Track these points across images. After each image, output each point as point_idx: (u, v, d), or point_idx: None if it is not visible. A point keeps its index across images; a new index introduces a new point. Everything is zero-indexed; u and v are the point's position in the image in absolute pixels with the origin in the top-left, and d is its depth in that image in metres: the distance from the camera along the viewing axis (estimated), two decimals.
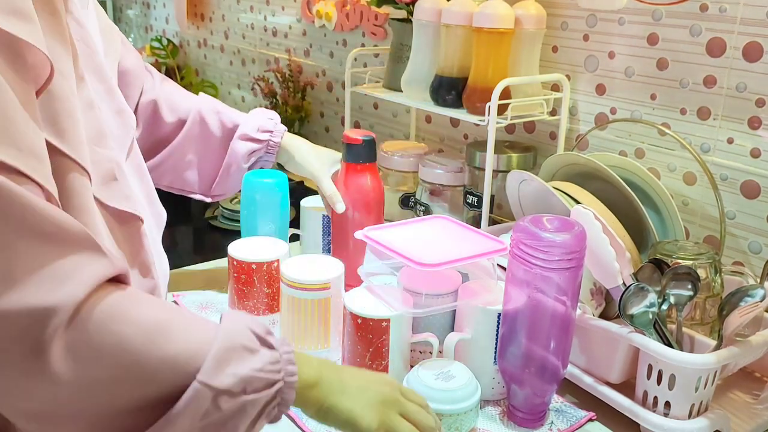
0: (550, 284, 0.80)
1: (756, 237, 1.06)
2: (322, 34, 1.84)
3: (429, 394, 0.80)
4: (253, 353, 0.59)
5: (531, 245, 0.79)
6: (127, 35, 2.77)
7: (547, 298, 0.81)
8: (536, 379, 0.85)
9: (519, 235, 0.81)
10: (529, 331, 0.83)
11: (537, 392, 0.86)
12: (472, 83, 1.21)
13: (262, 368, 0.59)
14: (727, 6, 1.03)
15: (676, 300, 0.89)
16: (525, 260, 0.80)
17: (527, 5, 1.20)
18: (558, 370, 0.85)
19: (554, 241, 0.79)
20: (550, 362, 0.84)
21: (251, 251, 1.02)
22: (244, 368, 0.58)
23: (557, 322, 0.82)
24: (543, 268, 0.79)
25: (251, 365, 0.58)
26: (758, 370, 1.00)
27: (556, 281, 0.80)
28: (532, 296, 0.81)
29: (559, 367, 0.85)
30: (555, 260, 0.79)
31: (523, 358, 0.84)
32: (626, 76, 1.18)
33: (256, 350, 0.60)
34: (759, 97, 1.02)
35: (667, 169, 1.15)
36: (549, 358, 0.84)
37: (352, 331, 0.88)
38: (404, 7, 1.35)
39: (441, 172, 1.32)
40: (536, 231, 0.79)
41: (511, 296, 0.84)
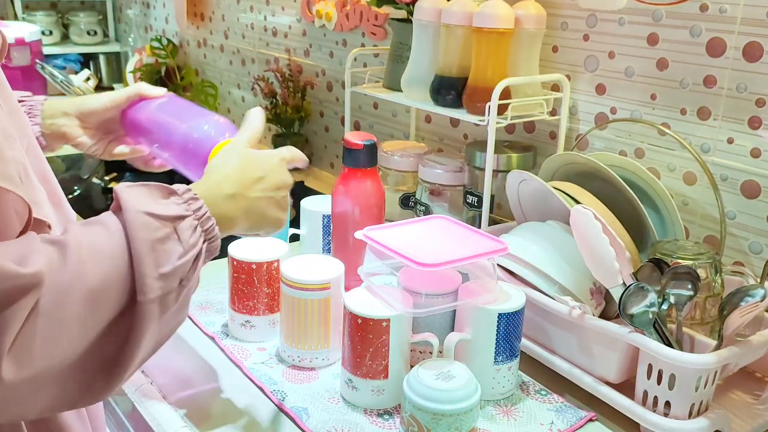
0: None
1: (756, 237, 1.06)
2: (322, 34, 1.84)
3: (429, 394, 0.80)
4: (168, 241, 0.62)
5: None
6: (127, 35, 2.78)
7: None
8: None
9: None
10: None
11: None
12: (472, 83, 1.21)
13: (183, 253, 0.63)
14: (727, 6, 1.03)
15: (676, 300, 0.89)
16: None
17: (527, 5, 1.20)
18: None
19: None
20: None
21: (251, 251, 1.02)
22: (167, 265, 0.62)
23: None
24: None
25: (172, 259, 0.62)
26: (759, 370, 1.00)
27: None
28: None
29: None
30: None
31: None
32: (626, 76, 1.18)
33: (169, 237, 0.63)
34: (759, 97, 1.02)
35: (667, 169, 1.15)
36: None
37: (352, 331, 0.88)
38: (404, 7, 1.35)
39: (441, 172, 1.32)
40: None
41: None
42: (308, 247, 1.22)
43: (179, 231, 0.64)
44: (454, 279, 0.95)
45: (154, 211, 0.63)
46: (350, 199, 1.08)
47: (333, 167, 1.90)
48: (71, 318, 0.56)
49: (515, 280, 0.99)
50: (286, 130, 1.91)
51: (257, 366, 0.98)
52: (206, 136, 0.87)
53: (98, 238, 0.60)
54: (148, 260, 0.60)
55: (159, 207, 0.63)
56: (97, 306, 0.58)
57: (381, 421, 0.88)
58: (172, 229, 0.63)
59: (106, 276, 0.59)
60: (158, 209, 0.63)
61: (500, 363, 0.91)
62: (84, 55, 2.82)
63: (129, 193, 0.63)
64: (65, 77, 1.95)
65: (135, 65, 2.52)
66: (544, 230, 1.01)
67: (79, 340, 0.58)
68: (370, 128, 1.76)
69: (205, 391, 0.94)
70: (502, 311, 0.89)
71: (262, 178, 0.76)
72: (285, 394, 0.92)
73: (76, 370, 0.58)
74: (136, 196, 0.63)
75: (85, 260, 0.58)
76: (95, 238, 0.60)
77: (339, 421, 0.88)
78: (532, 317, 0.98)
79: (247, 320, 1.03)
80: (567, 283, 0.95)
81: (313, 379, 0.96)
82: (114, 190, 0.64)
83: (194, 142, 0.87)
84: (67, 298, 0.56)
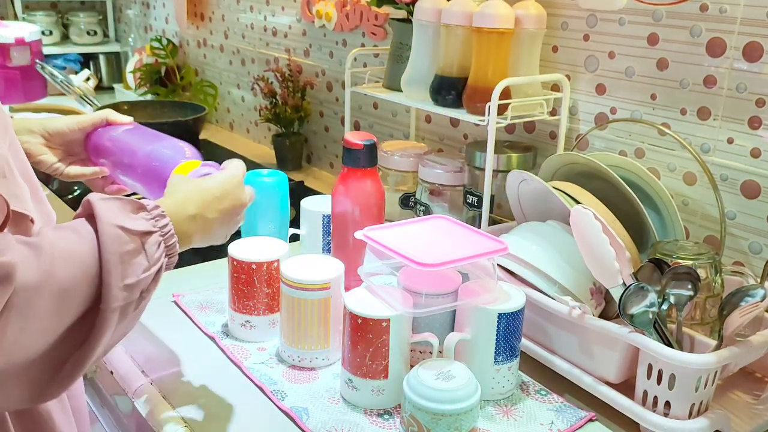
0: None
1: (756, 237, 1.06)
2: (321, 34, 1.84)
3: (429, 394, 0.80)
4: (136, 255, 0.66)
5: None
6: (126, 35, 2.78)
7: None
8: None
9: None
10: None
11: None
12: (472, 83, 1.21)
13: (147, 267, 0.67)
14: (727, 6, 1.03)
15: (676, 300, 0.89)
16: None
17: (527, 5, 1.20)
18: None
19: None
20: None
21: (251, 251, 1.02)
22: (132, 277, 0.65)
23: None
24: None
25: (137, 272, 0.65)
26: (759, 370, 1.00)
27: None
28: None
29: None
30: None
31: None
32: (626, 76, 1.18)
33: (137, 252, 0.66)
34: (759, 97, 1.02)
35: (667, 169, 1.15)
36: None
37: (352, 331, 0.88)
38: (404, 7, 1.35)
39: (441, 172, 1.32)
40: None
41: None
42: (308, 247, 1.22)
43: (146, 246, 0.67)
44: (454, 279, 0.95)
45: (126, 225, 0.66)
46: (350, 199, 1.08)
47: (333, 167, 1.90)
48: (38, 316, 0.58)
49: (515, 280, 0.99)
50: (286, 130, 1.91)
51: (257, 366, 0.98)
52: (170, 158, 0.91)
53: (70, 243, 0.62)
54: (116, 271, 0.63)
55: (130, 221, 0.67)
56: (63, 307, 0.60)
57: (381, 421, 0.88)
58: (140, 244, 0.67)
59: (75, 280, 0.61)
60: (129, 224, 0.66)
61: (500, 363, 0.91)
62: (84, 55, 2.82)
63: (103, 206, 0.66)
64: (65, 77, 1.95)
65: (135, 65, 2.52)
66: (544, 230, 1.01)
67: (42, 339, 0.59)
68: (370, 128, 1.76)
69: (205, 391, 0.93)
70: (502, 311, 0.89)
71: (220, 199, 0.81)
72: (285, 394, 0.92)
73: (34, 368, 0.60)
74: (109, 209, 0.66)
75: (57, 263, 0.60)
76: (67, 243, 0.62)
77: (339, 421, 0.88)
78: (532, 317, 0.98)
79: (247, 320, 1.03)
80: (567, 283, 0.95)
81: (313, 379, 0.96)
82: (87, 199, 0.67)
83: (159, 161, 0.92)
84: (37, 297, 0.58)
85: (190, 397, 0.92)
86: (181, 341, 1.05)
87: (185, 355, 1.01)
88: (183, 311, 1.12)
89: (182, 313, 1.12)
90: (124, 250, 0.65)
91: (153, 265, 0.68)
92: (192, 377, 0.96)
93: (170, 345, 1.04)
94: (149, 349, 1.03)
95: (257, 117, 2.05)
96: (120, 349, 1.02)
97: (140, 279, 0.66)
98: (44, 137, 0.98)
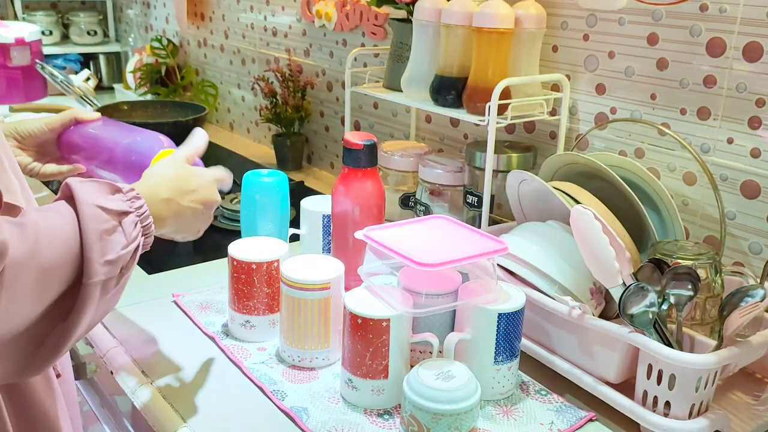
0: None
1: (756, 237, 1.06)
2: (322, 33, 1.84)
3: (429, 394, 0.80)
4: (114, 233, 0.69)
5: None
6: (127, 35, 2.78)
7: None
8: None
9: None
10: None
11: None
12: (472, 83, 1.20)
13: (126, 245, 0.70)
14: (727, 6, 1.03)
15: (676, 300, 0.89)
16: None
17: (527, 5, 1.20)
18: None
19: None
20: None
21: (251, 251, 1.02)
22: (112, 254, 0.68)
23: None
24: None
25: (116, 249, 0.69)
26: (759, 370, 1.00)
27: None
28: None
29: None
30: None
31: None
32: (626, 76, 1.18)
33: (115, 230, 0.70)
34: (759, 97, 1.02)
35: (667, 169, 1.15)
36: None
37: (352, 331, 0.88)
38: (404, 7, 1.35)
39: (441, 172, 1.32)
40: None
41: None
42: (308, 247, 1.22)
43: (124, 225, 0.71)
44: (454, 279, 0.95)
45: (104, 205, 0.69)
46: (350, 199, 1.08)
47: (333, 167, 1.90)
48: (24, 292, 0.61)
49: (515, 280, 0.99)
50: (286, 129, 1.91)
51: (257, 366, 0.98)
52: (149, 149, 0.96)
53: (53, 222, 0.66)
54: (96, 247, 0.66)
55: (108, 201, 0.70)
56: (48, 283, 0.63)
57: (381, 421, 0.88)
58: (118, 223, 0.70)
59: (58, 257, 0.64)
60: (107, 203, 0.70)
61: (500, 363, 0.91)
62: (84, 55, 2.82)
63: (81, 187, 0.70)
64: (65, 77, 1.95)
65: (135, 65, 2.52)
66: (544, 230, 1.01)
67: (28, 314, 0.62)
68: (370, 128, 1.76)
69: (205, 391, 0.94)
70: (502, 311, 0.89)
71: (194, 191, 0.85)
72: (285, 394, 0.92)
73: (19, 342, 0.62)
74: (87, 191, 0.70)
75: (41, 241, 0.62)
76: (50, 222, 0.65)
77: (339, 421, 0.88)
78: (532, 317, 0.98)
79: (247, 320, 1.03)
80: (567, 283, 0.95)
81: (313, 379, 0.96)
82: (66, 182, 0.71)
83: (138, 154, 0.97)
84: (23, 273, 0.60)
85: (190, 397, 0.92)
86: (181, 341, 1.05)
87: (185, 355, 1.01)
88: (183, 311, 1.12)
89: (182, 313, 1.12)
90: (103, 228, 0.68)
91: (131, 243, 0.71)
92: (192, 377, 0.96)
93: (170, 345, 1.04)
94: (149, 349, 1.03)
95: (258, 117, 2.05)
96: (120, 349, 1.02)
97: (119, 255, 0.69)
98: (16, 140, 1.02)
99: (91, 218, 0.67)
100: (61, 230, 0.66)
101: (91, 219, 0.67)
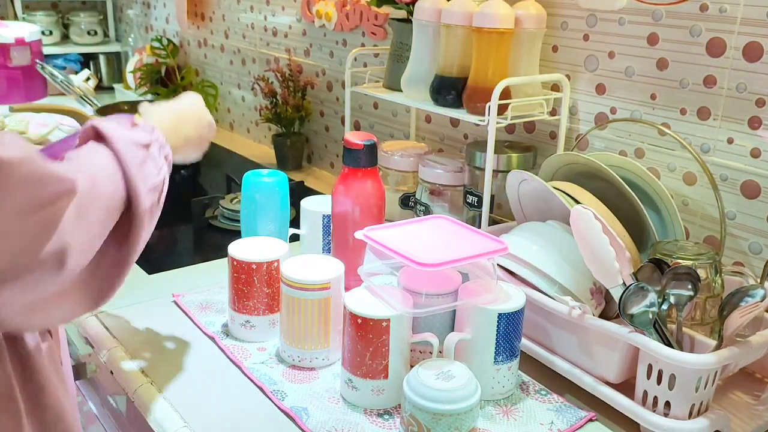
0: None
1: (756, 237, 1.06)
2: (322, 33, 1.84)
3: (429, 394, 0.80)
4: (148, 162, 0.75)
5: None
6: (127, 35, 2.78)
7: None
8: None
9: None
10: None
11: None
12: (472, 83, 1.20)
13: (158, 171, 0.76)
14: (727, 6, 1.03)
15: (676, 300, 0.89)
16: None
17: (527, 5, 1.20)
18: None
19: None
20: None
21: (251, 251, 1.02)
22: (151, 181, 0.74)
23: None
24: None
25: (153, 176, 0.75)
26: (759, 370, 1.00)
27: None
28: None
29: None
30: None
31: None
32: (626, 76, 1.18)
33: (147, 159, 0.75)
34: (759, 97, 1.02)
35: (667, 169, 1.15)
36: None
37: (352, 331, 0.88)
38: (404, 7, 1.35)
39: (441, 172, 1.32)
40: None
41: None
42: (308, 247, 1.22)
43: (152, 154, 0.76)
44: (454, 279, 0.95)
45: (134, 139, 0.75)
46: (350, 199, 1.08)
47: (333, 167, 1.90)
48: (94, 223, 0.66)
49: (515, 280, 0.99)
50: (287, 129, 1.91)
51: (257, 366, 0.98)
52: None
53: (96, 160, 0.71)
54: (139, 177, 0.72)
55: (134, 134, 0.76)
56: (109, 213, 0.69)
57: (381, 421, 0.88)
58: (148, 153, 0.75)
59: (111, 189, 0.70)
60: (135, 136, 0.75)
61: (500, 363, 0.91)
62: (84, 55, 2.82)
63: (109, 126, 0.74)
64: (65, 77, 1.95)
65: (135, 65, 2.52)
66: (544, 230, 1.01)
67: (98, 244, 0.68)
68: (370, 128, 1.76)
69: (205, 392, 0.94)
70: (502, 311, 0.89)
71: (189, 115, 0.93)
72: (285, 394, 0.92)
73: (95, 273, 0.69)
74: (115, 128, 0.75)
75: (95, 175, 0.68)
76: (94, 160, 0.71)
77: (339, 421, 0.88)
78: (532, 317, 0.98)
79: (247, 320, 1.03)
80: (567, 283, 0.95)
81: (313, 379, 0.96)
82: (89, 123, 0.75)
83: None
84: (92, 205, 0.66)
85: (190, 397, 0.92)
86: (181, 341, 1.05)
87: (185, 355, 1.01)
88: (183, 311, 1.12)
89: (182, 313, 1.12)
90: (139, 159, 0.73)
91: (161, 168, 0.77)
92: (192, 377, 0.96)
93: (170, 345, 1.04)
94: (149, 349, 1.03)
95: (258, 117, 2.05)
96: (120, 349, 1.02)
97: (157, 182, 0.75)
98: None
99: (127, 152, 0.72)
100: (105, 165, 0.70)
101: (128, 152, 0.72)
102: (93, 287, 0.69)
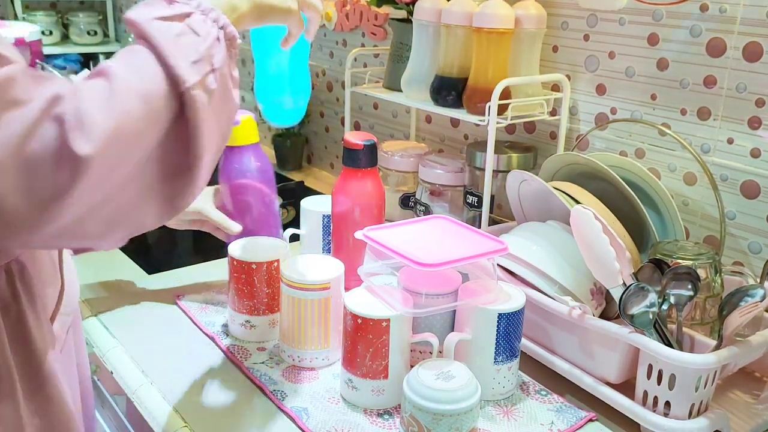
0: None
1: (756, 237, 1.06)
2: (322, 34, 1.84)
3: (429, 394, 0.80)
4: (186, 34, 0.69)
5: None
6: (127, 35, 2.78)
7: None
8: None
9: None
10: None
11: None
12: (472, 83, 1.21)
13: (202, 41, 0.69)
14: (727, 6, 1.03)
15: (676, 300, 0.89)
16: None
17: (527, 5, 1.20)
18: None
19: None
20: None
21: (251, 251, 1.02)
22: (194, 54, 0.68)
23: None
24: None
25: (197, 49, 0.68)
26: (758, 370, 1.00)
27: None
28: None
29: None
30: None
31: None
32: (626, 76, 1.18)
33: (186, 32, 0.69)
34: (759, 97, 1.02)
35: (668, 169, 1.15)
36: None
37: (352, 331, 0.88)
38: (404, 7, 1.35)
39: (441, 172, 1.32)
40: None
41: None
42: (308, 247, 1.22)
43: (191, 25, 0.69)
44: (454, 279, 0.95)
45: (163, 15, 0.69)
46: (350, 199, 1.08)
47: (333, 167, 1.90)
48: (139, 119, 0.62)
49: (515, 280, 0.99)
50: (286, 130, 1.91)
51: (257, 366, 0.98)
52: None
53: (128, 58, 0.66)
54: (176, 53, 0.66)
55: (165, 11, 0.70)
56: (153, 105, 0.63)
57: (381, 421, 0.88)
58: (185, 25, 0.69)
59: (149, 78, 0.64)
60: (165, 13, 0.69)
61: (500, 363, 0.91)
62: (84, 55, 2.82)
63: (136, 13, 0.69)
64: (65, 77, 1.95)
65: None
66: (544, 230, 1.01)
67: (154, 140, 0.64)
68: (370, 128, 1.76)
69: (205, 391, 0.94)
70: (502, 311, 0.89)
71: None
72: (285, 394, 0.92)
73: (159, 174, 0.65)
74: (142, 12, 0.69)
75: (128, 71, 0.64)
76: (126, 59, 0.66)
77: (339, 421, 0.88)
78: (532, 317, 0.98)
79: (247, 320, 1.03)
80: (567, 283, 0.95)
81: (313, 379, 0.96)
82: (124, 17, 0.71)
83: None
84: (128, 101, 0.62)
85: (190, 397, 0.92)
86: (181, 341, 1.05)
87: (185, 355, 1.01)
88: (183, 311, 1.12)
89: (182, 313, 1.12)
90: (173, 34, 0.67)
91: (206, 38, 0.70)
92: (192, 377, 0.96)
93: (170, 345, 1.04)
94: (149, 349, 1.03)
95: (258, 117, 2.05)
96: (120, 349, 1.02)
97: (202, 54, 0.68)
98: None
99: (156, 31, 0.67)
100: (137, 57, 0.66)
101: (157, 32, 0.67)
102: (163, 193, 0.66)
